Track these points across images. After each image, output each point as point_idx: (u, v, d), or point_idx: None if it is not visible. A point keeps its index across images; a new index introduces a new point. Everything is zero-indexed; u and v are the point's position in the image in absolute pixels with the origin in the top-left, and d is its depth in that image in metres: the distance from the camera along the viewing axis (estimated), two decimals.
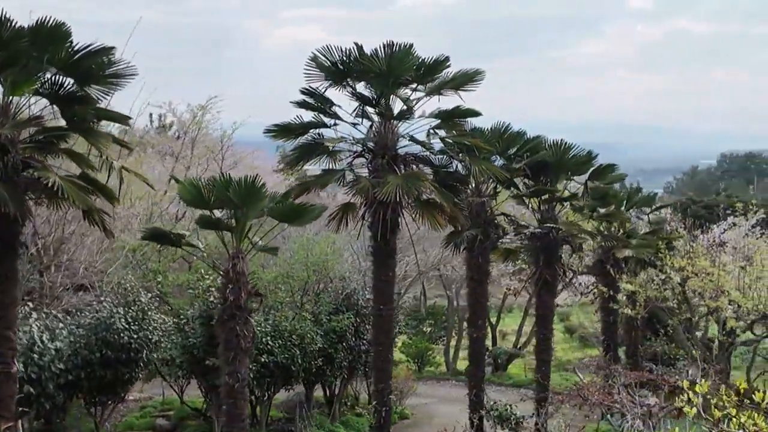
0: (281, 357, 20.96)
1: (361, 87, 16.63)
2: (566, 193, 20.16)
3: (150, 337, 18.69)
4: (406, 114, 16.20)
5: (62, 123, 13.01)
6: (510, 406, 19.96)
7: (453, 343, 39.03)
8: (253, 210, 14.15)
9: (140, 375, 19.57)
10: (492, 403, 20.01)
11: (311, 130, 16.74)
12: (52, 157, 13.17)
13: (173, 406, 26.92)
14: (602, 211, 20.81)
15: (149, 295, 19.39)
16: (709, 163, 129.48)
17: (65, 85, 12.29)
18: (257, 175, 13.97)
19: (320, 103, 16.58)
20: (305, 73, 16.28)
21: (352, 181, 16.55)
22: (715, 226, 27.27)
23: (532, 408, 20.07)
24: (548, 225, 18.84)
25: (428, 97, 16.65)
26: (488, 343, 39.76)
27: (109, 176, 12.72)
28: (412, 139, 17.17)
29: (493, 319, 39.49)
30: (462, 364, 39.22)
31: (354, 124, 17.12)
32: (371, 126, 17.15)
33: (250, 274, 14.51)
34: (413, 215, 16.70)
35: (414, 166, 17.00)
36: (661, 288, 22.42)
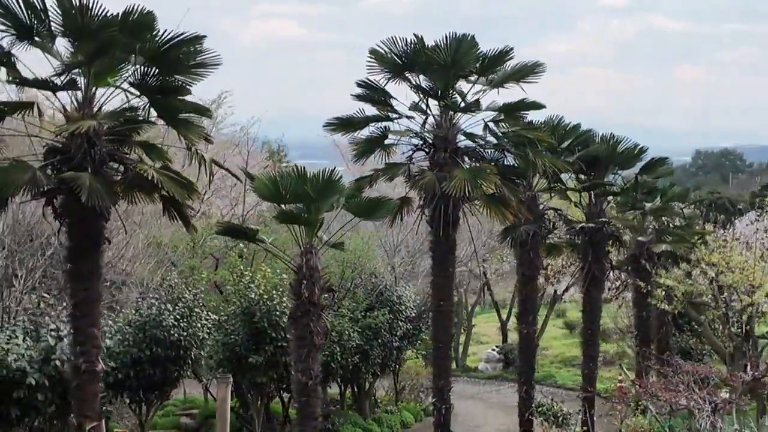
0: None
1: (419, 79, 16.41)
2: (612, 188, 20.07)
3: (198, 334, 18.35)
4: (473, 106, 16.03)
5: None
6: (557, 402, 19.84)
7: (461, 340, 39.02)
8: (326, 204, 13.92)
9: (187, 373, 19.22)
10: (546, 399, 19.89)
11: (371, 124, 16.51)
12: (127, 149, 12.80)
13: (196, 405, 26.58)
14: (648, 205, 20.76)
15: (194, 291, 19.02)
16: (684, 160, 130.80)
17: (153, 75, 11.91)
18: (334, 168, 13.74)
19: (380, 96, 16.37)
20: (368, 66, 16.11)
21: (414, 175, 16.35)
22: (737, 221, 27.39)
23: (578, 406, 19.98)
24: (602, 220, 18.77)
25: (488, 90, 16.48)
26: (499, 339, 39.87)
27: (199, 169, 12.38)
28: (468, 135, 17.00)
29: (503, 316, 39.56)
30: (471, 361, 39.25)
31: (409, 118, 16.93)
32: (425, 120, 16.97)
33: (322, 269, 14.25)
34: (477, 209, 16.55)
35: (472, 160, 16.84)
36: (696, 283, 22.44)
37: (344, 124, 16.33)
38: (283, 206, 13.44)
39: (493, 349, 38.01)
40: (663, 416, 16.95)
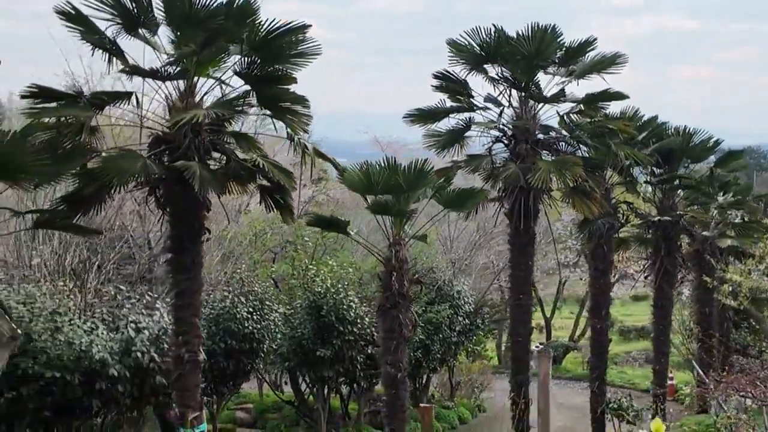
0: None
1: (500, 70, 16.29)
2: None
3: (270, 327, 18.32)
4: (559, 96, 15.89)
5: None
6: (627, 398, 19.70)
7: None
8: (416, 195, 13.85)
9: (260, 366, 19.21)
10: (619, 395, 19.75)
11: (451, 115, 16.41)
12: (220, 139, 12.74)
13: (250, 399, 26.56)
14: (720, 199, 20.52)
15: (264, 285, 19.00)
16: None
17: (257, 64, 11.85)
18: (426, 159, 13.66)
19: (459, 88, 16.27)
20: (449, 58, 16.00)
21: (495, 167, 16.23)
22: None
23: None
24: (678, 213, 18.58)
25: (569, 81, 16.33)
26: (542, 336, 39.62)
27: (302, 159, 12.31)
28: (544, 127, 16.86)
29: (542, 313, 39.33)
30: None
31: (484, 109, 16.81)
32: (501, 111, 16.84)
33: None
34: (557, 202, 16.42)
35: (551, 152, 16.71)
36: (762, 278, 22.13)
37: (424, 116, 16.24)
38: (377, 197, 13.33)
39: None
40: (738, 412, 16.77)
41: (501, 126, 16.55)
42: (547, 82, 16.55)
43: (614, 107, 17.46)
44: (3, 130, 9.36)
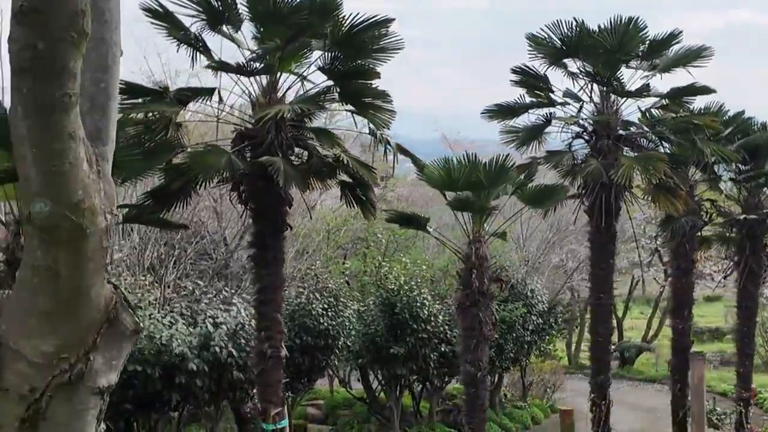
0: (459, 347, 20.45)
1: (580, 65, 15.93)
2: None
3: (345, 323, 18.29)
4: (642, 91, 15.47)
5: None
6: (709, 401, 19.13)
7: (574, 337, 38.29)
8: (495, 192, 13.63)
9: (334, 362, 19.21)
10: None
11: (530, 110, 16.13)
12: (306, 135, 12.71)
13: (320, 395, 26.62)
14: None
15: (338, 281, 18.98)
16: None
17: (340, 59, 11.78)
18: (508, 155, 13.43)
19: (539, 83, 15.97)
20: (528, 52, 15.71)
21: (575, 164, 15.89)
22: None
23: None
24: (764, 211, 17.96)
25: (652, 75, 15.89)
26: (614, 337, 38.87)
27: (386, 154, 12.23)
28: (625, 122, 16.44)
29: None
30: (585, 358, 38.46)
31: (563, 104, 16.47)
32: (581, 107, 16.47)
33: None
34: (639, 200, 16.00)
35: (633, 148, 16.29)
36: None
37: (503, 111, 15.98)
38: (459, 193, 13.15)
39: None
40: None
41: (581, 122, 16.18)
42: (630, 76, 16.15)
43: (698, 102, 16.93)
44: None
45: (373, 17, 11.30)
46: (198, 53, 11.48)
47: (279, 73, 11.74)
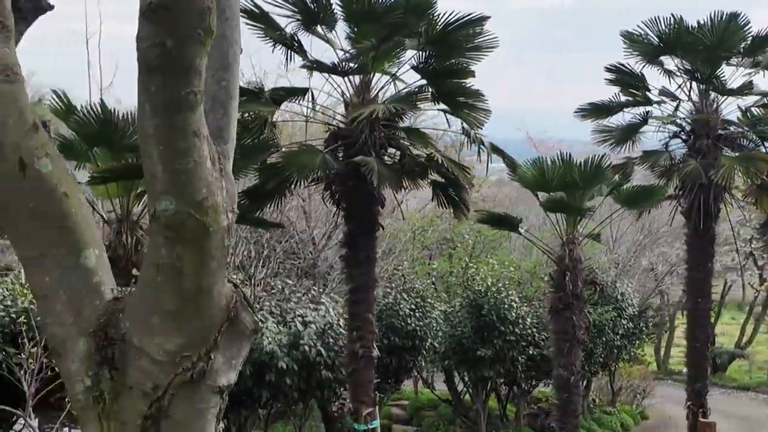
0: (548, 349, 20.11)
1: (678, 62, 15.45)
2: None
3: (432, 324, 18.19)
4: (746, 89, 14.93)
5: None
6: None
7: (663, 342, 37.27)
8: (590, 192, 13.32)
9: (422, 363, 19.14)
10: None
11: (625, 109, 15.73)
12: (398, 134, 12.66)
13: (405, 396, 26.56)
14: None
15: (425, 282, 18.89)
16: None
17: (434, 58, 11.69)
18: (604, 155, 13.11)
19: (635, 81, 15.56)
20: (623, 50, 15.34)
21: (672, 164, 15.42)
22: None
23: None
24: None
25: (755, 72, 15.29)
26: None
27: (479, 154, 12.09)
28: (723, 122, 15.87)
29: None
30: (674, 363, 37.39)
31: (658, 103, 16.01)
32: (677, 105, 15.98)
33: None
34: (740, 201, 15.44)
35: (733, 147, 15.73)
36: None
37: (598, 110, 15.64)
38: (553, 194, 12.90)
39: None
40: None
41: (678, 121, 15.70)
42: (730, 74, 15.60)
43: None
44: None
45: (467, 15, 11.19)
46: (293, 53, 11.53)
47: (372, 73, 11.70)
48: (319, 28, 11.69)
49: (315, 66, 11.49)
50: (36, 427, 5.18)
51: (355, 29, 11.49)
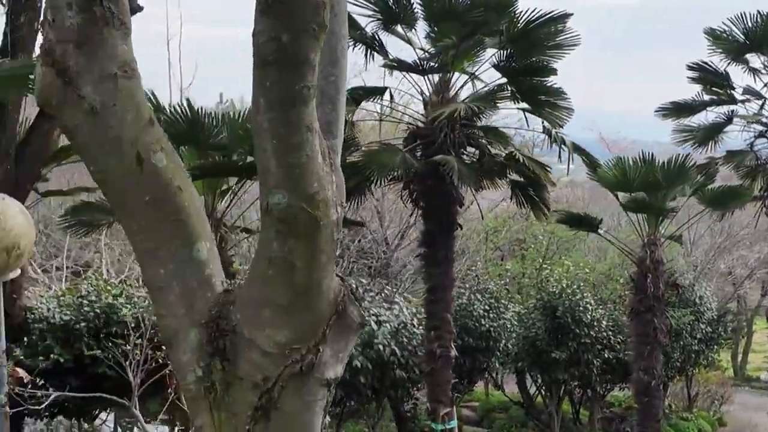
0: (624, 353, 19.78)
1: (764, 60, 15.01)
2: None
3: (506, 326, 18.05)
4: None
5: None
6: None
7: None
8: (672, 193, 13.04)
9: (496, 364, 19.03)
10: None
11: (708, 108, 15.35)
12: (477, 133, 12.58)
13: (475, 397, 26.44)
14: None
15: (499, 282, 18.76)
16: None
17: (514, 56, 11.60)
18: (688, 154, 12.83)
19: (719, 80, 15.16)
20: (707, 47, 14.97)
21: (758, 164, 14.99)
22: None
23: None
24: None
25: None
26: None
27: (560, 153, 11.97)
28: None
29: None
30: (752, 370, 36.41)
31: (744, 102, 15.57)
32: (763, 104, 15.51)
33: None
34: None
35: None
36: None
37: (679, 109, 15.28)
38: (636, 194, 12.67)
39: None
40: None
41: (765, 120, 15.25)
42: None
43: None
44: None
45: (549, 13, 11.08)
46: (373, 52, 11.57)
47: (452, 72, 11.66)
48: (399, 28, 11.70)
49: (396, 65, 11.50)
50: (140, 417, 5.30)
51: (435, 28, 11.47)
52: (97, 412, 14.57)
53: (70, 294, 13.81)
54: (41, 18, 9.06)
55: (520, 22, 11.24)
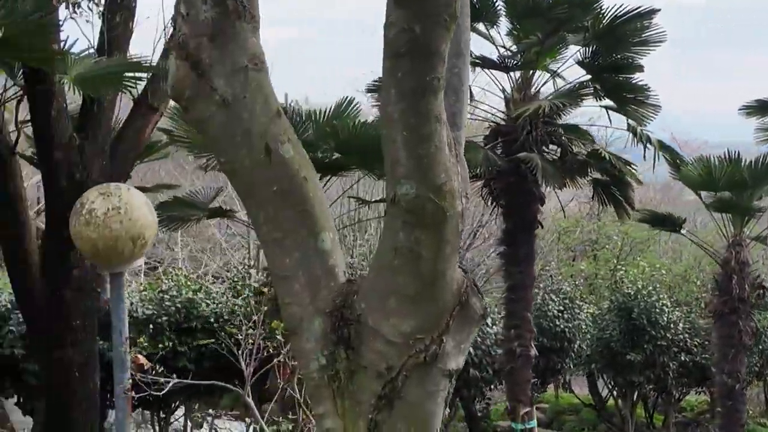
0: (701, 356, 19.38)
1: None
2: None
3: (581, 327, 17.85)
4: None
5: None
6: None
7: None
8: (759, 192, 12.74)
9: (570, 366, 18.83)
10: None
11: None
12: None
13: (544, 399, 26.15)
14: None
15: (572, 283, 18.56)
16: None
17: (600, 53, 11.47)
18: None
19: None
20: None
21: None
22: None
23: None
24: None
25: None
26: None
27: (644, 152, 11.81)
28: None
29: None
30: None
31: None
32: None
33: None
34: None
35: None
36: None
37: (764, 107, 14.88)
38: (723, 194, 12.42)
39: None
40: None
41: None
42: None
43: None
44: (361, 121, 9.79)
45: (636, 9, 10.92)
46: None
47: (536, 69, 11.60)
48: (481, 25, 11.67)
49: (481, 62, 11.48)
50: (253, 405, 5.42)
51: (518, 25, 11.40)
52: (176, 404, 14.85)
53: (151, 289, 14.11)
54: (133, 17, 9.29)
55: (606, 18, 11.10)
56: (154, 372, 5.16)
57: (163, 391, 5.12)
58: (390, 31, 3.26)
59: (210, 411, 15.77)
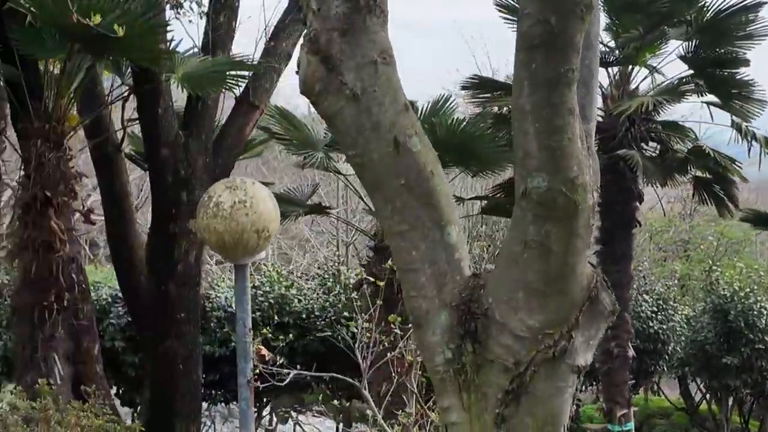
0: None
1: None
2: None
3: (676, 328, 17.43)
4: None
5: None
6: None
7: None
8: None
9: (664, 368, 18.42)
10: None
11: None
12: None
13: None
14: None
15: (667, 284, 18.13)
16: None
17: (703, 47, 11.16)
18: None
19: None
20: None
21: None
22: None
23: None
24: None
25: None
26: None
27: (749, 149, 11.45)
28: None
29: None
30: None
31: None
32: None
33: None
34: None
35: None
36: None
37: None
38: None
39: None
40: None
41: None
42: None
43: None
44: (457, 119, 9.77)
45: (741, 2, 10.59)
46: None
47: (636, 65, 11.38)
48: None
49: None
50: (369, 398, 5.48)
51: (617, 20, 11.18)
52: (267, 399, 15.05)
53: None
54: (236, 17, 9.47)
55: (710, 11, 10.80)
56: (275, 363, 5.26)
57: (285, 381, 5.21)
58: (524, 23, 3.24)
59: (295, 406, 15.94)
